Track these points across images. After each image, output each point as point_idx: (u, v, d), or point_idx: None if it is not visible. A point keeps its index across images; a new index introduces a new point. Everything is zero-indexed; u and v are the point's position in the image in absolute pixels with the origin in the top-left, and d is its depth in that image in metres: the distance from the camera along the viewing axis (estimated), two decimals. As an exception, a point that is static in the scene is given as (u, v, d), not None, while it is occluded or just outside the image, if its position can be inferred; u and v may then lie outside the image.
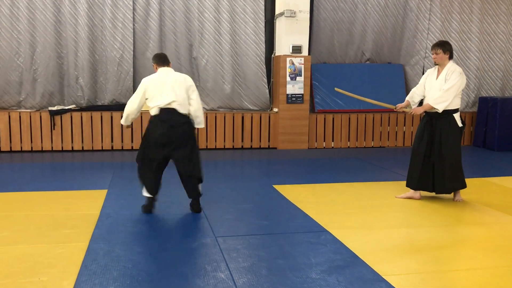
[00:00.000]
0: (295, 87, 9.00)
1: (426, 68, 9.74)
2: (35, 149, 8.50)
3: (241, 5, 9.11)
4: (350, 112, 9.48)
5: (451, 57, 5.27)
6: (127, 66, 8.79)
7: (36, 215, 4.73)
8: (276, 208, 5.15)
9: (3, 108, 8.61)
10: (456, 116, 5.27)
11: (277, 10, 9.19)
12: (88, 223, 4.50)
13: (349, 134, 9.49)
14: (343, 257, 3.76)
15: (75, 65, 8.71)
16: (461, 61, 10.01)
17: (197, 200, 4.93)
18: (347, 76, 9.58)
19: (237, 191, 5.84)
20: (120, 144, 8.73)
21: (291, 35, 8.90)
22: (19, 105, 8.66)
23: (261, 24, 9.20)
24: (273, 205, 5.29)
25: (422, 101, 5.54)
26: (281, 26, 9.02)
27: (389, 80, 9.79)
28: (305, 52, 9.00)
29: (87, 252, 3.79)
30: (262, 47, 9.22)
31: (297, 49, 8.92)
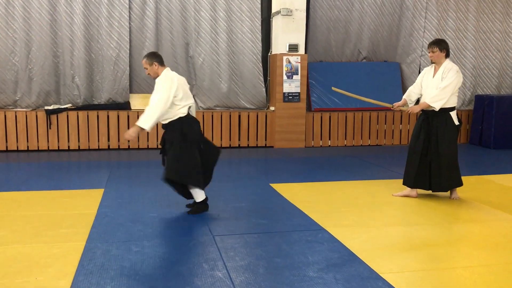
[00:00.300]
0: (291, 85, 8.99)
1: (422, 66, 9.77)
2: (31, 148, 8.47)
3: (237, 3, 9.09)
4: (347, 110, 9.48)
5: (447, 55, 5.28)
6: (123, 65, 8.77)
7: (32, 215, 4.72)
8: (273, 207, 5.15)
9: (-1, 108, 8.59)
10: (453, 114, 5.28)
11: (274, 9, 9.18)
12: (85, 223, 4.49)
13: (345, 133, 9.50)
14: (341, 255, 3.77)
15: (71, 64, 8.68)
16: (457, 59, 10.02)
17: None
18: (343, 75, 9.58)
19: (234, 189, 5.84)
20: (116, 143, 8.71)
21: (288, 33, 8.89)
22: (15, 104, 8.63)
23: (258, 23, 9.19)
24: (270, 203, 5.29)
25: (419, 100, 5.55)
26: (277, 24, 9.01)
27: (386, 78, 9.79)
28: (301, 50, 8.99)
29: (84, 252, 3.79)
30: (258, 46, 9.22)
31: (293, 48, 8.91)
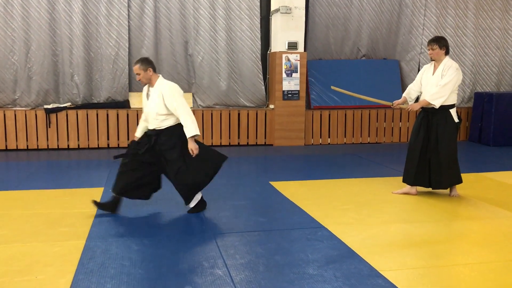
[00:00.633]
0: (291, 83, 8.99)
1: (421, 64, 9.77)
2: (31, 147, 8.47)
3: (236, 1, 9.08)
4: (346, 108, 9.48)
5: (447, 53, 5.28)
6: (122, 64, 8.76)
7: (32, 214, 4.72)
8: (273, 205, 5.15)
9: (-2, 107, 8.59)
10: (453, 112, 5.28)
11: (273, 7, 9.17)
12: (85, 221, 4.49)
13: (345, 130, 9.50)
14: (340, 252, 3.77)
15: (70, 62, 8.67)
16: (457, 56, 10.02)
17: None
18: (343, 72, 9.58)
19: (233, 188, 5.84)
20: (116, 142, 8.71)
21: (287, 31, 8.88)
22: (14, 103, 8.62)
23: (257, 21, 9.18)
24: (270, 201, 5.29)
25: (418, 97, 5.55)
26: (276, 22, 9.01)
27: (385, 76, 9.79)
28: (300, 48, 8.99)
29: (84, 250, 3.79)
30: (257, 44, 9.21)
31: (292, 46, 8.90)
